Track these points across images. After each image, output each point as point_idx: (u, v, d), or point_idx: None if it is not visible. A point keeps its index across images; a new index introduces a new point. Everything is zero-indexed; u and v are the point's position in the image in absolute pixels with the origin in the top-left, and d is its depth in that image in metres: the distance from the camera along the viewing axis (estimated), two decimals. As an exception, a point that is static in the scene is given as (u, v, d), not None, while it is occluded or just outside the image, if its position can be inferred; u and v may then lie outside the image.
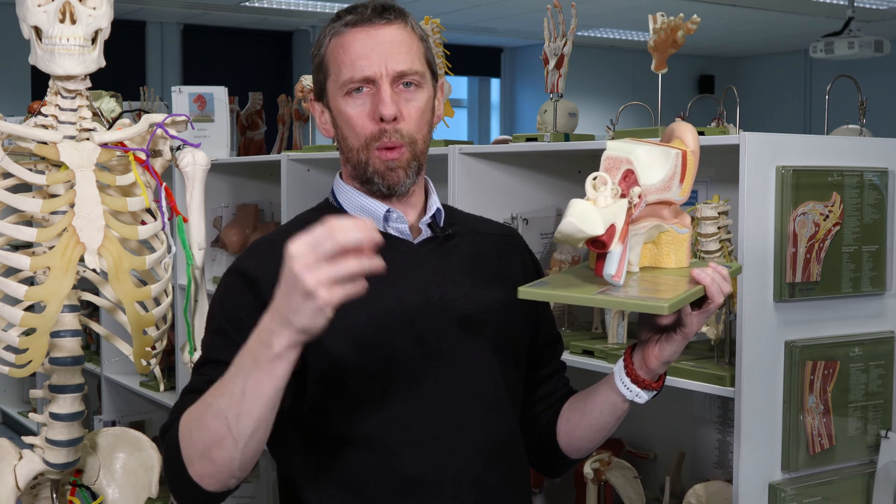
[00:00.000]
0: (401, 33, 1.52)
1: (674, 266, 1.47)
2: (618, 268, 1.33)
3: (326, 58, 1.55)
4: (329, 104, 1.56)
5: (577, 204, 1.30)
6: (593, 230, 1.29)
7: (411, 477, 1.47)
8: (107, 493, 2.05)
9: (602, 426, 1.61)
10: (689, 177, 1.46)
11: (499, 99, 12.22)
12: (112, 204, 1.86)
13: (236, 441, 1.27)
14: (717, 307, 1.42)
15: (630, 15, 9.48)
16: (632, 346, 1.54)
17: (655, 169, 1.41)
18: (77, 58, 1.83)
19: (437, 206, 1.60)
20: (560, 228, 1.30)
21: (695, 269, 1.40)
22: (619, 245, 1.32)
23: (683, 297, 1.35)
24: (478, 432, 1.51)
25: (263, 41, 10.51)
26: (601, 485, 2.52)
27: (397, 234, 1.56)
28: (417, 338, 1.49)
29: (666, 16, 2.26)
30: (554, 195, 2.75)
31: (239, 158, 3.74)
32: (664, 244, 1.48)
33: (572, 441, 1.65)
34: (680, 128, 1.51)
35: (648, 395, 1.53)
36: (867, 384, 2.05)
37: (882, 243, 2.08)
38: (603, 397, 1.57)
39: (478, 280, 1.58)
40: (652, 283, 1.40)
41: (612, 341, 2.40)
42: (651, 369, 1.50)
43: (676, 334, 1.46)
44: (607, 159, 1.37)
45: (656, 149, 1.42)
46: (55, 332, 1.87)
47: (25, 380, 4.98)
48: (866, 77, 3.57)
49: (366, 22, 1.51)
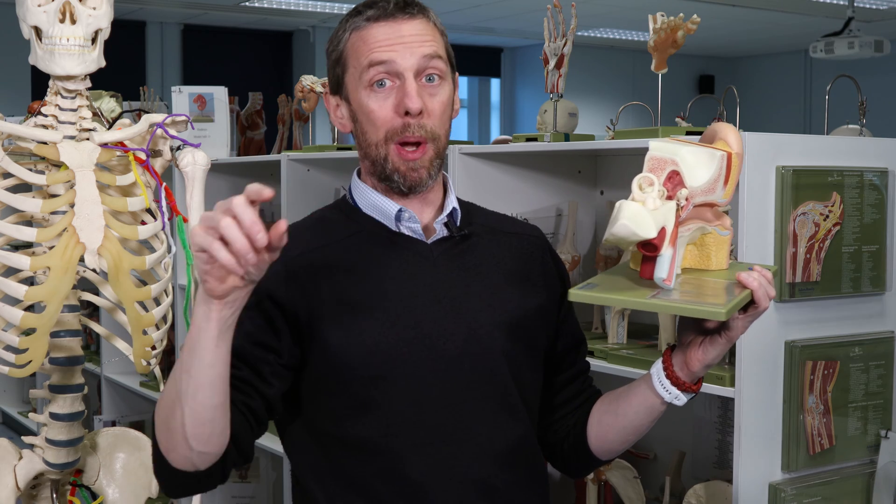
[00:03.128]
0: (424, 26, 1.50)
1: (714, 267, 1.46)
2: (669, 271, 1.31)
3: (346, 51, 1.51)
4: (348, 98, 1.53)
5: (629, 206, 1.27)
6: (647, 233, 1.27)
7: (417, 481, 1.46)
8: (107, 493, 2.05)
9: (637, 428, 1.58)
10: (732, 178, 1.44)
11: (499, 99, 12.22)
12: (112, 204, 1.86)
13: (183, 401, 1.27)
14: (764, 311, 1.41)
15: (630, 15, 9.48)
16: (671, 347, 1.51)
17: (700, 170, 1.39)
18: (77, 58, 1.83)
19: (454, 206, 1.57)
20: (613, 231, 1.27)
21: (742, 274, 1.39)
22: (670, 248, 1.30)
23: (737, 302, 1.35)
24: (486, 437, 1.50)
25: (263, 41, 10.51)
26: (601, 485, 2.52)
27: (410, 234, 1.53)
28: (425, 340, 1.47)
29: (666, 16, 2.26)
30: (554, 195, 2.75)
31: (239, 158, 3.74)
32: (706, 246, 1.46)
33: (604, 443, 1.62)
34: (723, 129, 1.50)
35: (687, 398, 1.50)
36: (867, 384, 2.05)
37: (882, 243, 2.08)
38: (639, 399, 1.54)
39: (493, 281, 1.55)
40: (697, 287, 1.39)
41: (612, 341, 2.40)
42: (692, 372, 1.47)
43: (721, 337, 1.44)
44: (651, 159, 1.35)
45: (701, 150, 1.40)
46: (55, 332, 1.88)
47: (25, 380, 4.97)
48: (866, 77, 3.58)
49: (389, 16, 1.49)
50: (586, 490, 2.53)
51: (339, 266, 1.49)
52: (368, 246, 1.51)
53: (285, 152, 3.37)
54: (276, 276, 1.41)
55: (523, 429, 1.55)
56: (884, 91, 9.06)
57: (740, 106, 2.33)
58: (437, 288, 1.51)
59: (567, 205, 2.71)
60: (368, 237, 1.52)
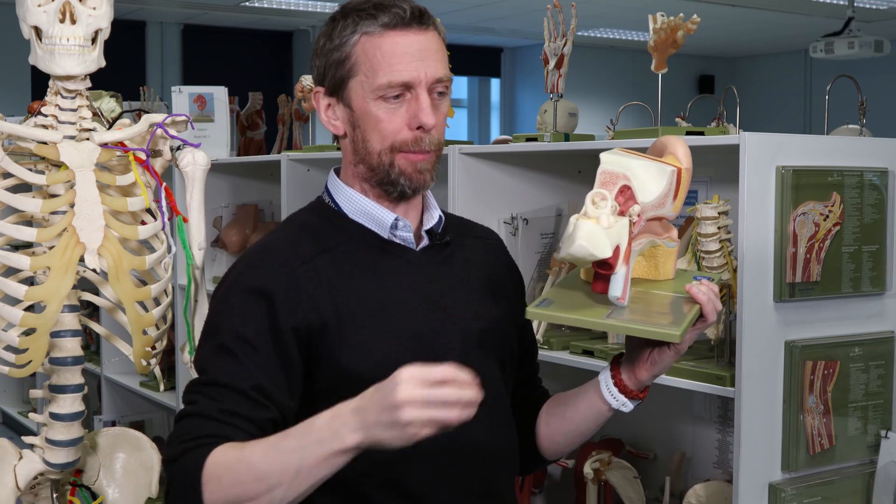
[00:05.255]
0: (436, 40, 1.50)
1: (662, 277, 1.50)
2: (623, 290, 1.35)
3: (356, 56, 1.48)
4: (350, 103, 1.50)
5: (584, 225, 1.29)
6: (603, 252, 1.29)
7: (418, 490, 1.47)
8: (107, 493, 2.05)
9: (584, 431, 1.62)
10: (682, 193, 1.49)
11: (499, 99, 12.21)
12: (112, 204, 1.86)
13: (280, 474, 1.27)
14: (710, 325, 1.45)
15: (630, 15, 9.48)
16: (617, 355, 1.55)
17: (651, 185, 1.41)
18: (77, 58, 1.83)
19: (440, 214, 1.58)
20: (570, 251, 1.29)
21: (693, 287, 1.43)
22: (624, 266, 1.33)
23: (689, 321, 1.39)
24: (485, 443, 1.51)
25: (263, 41, 10.50)
26: (601, 485, 2.52)
27: (401, 242, 1.53)
28: (423, 349, 1.47)
29: (666, 16, 2.26)
30: (554, 195, 2.75)
31: (239, 158, 3.74)
32: (653, 257, 1.50)
33: (552, 444, 1.66)
34: (672, 143, 1.51)
35: (634, 405, 1.55)
36: (867, 384, 2.05)
37: (882, 243, 2.08)
38: (587, 405, 1.58)
39: (476, 289, 1.57)
40: (647, 303, 1.42)
41: (612, 341, 2.40)
42: (640, 381, 1.52)
43: (670, 350, 1.48)
44: (603, 173, 1.37)
45: (651, 164, 1.42)
46: (55, 332, 1.87)
47: (25, 380, 4.97)
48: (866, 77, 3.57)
49: (406, 27, 1.47)
50: (586, 490, 2.53)
51: (337, 276, 1.48)
52: (361, 255, 1.51)
53: (285, 152, 3.37)
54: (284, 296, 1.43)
55: (513, 432, 1.59)
56: (884, 91, 9.05)
57: (740, 106, 2.33)
58: (431, 296, 1.52)
59: (567, 205, 2.71)
60: (359, 245, 1.52)
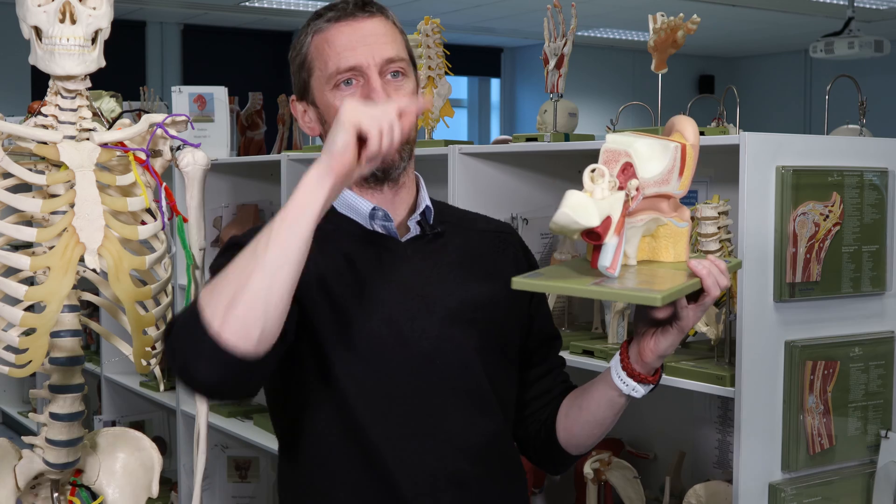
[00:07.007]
0: (383, 25, 1.56)
1: (672, 260, 1.47)
2: (612, 259, 1.32)
3: (310, 55, 1.56)
4: (315, 101, 1.57)
5: (573, 195, 1.30)
6: (588, 221, 1.28)
7: (388, 472, 1.49)
8: (107, 493, 2.04)
9: (600, 422, 1.61)
10: (688, 170, 1.46)
11: (499, 99, 12.22)
12: (112, 204, 1.86)
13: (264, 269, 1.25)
14: (714, 300, 1.42)
15: (630, 15, 9.48)
16: (628, 340, 1.54)
17: (654, 162, 1.41)
18: (77, 58, 1.83)
19: (427, 204, 1.61)
20: (554, 219, 1.29)
21: (692, 261, 1.41)
22: (615, 237, 1.31)
23: (678, 290, 1.34)
24: (458, 431, 1.52)
25: (263, 41, 10.50)
26: (601, 485, 2.52)
27: (383, 232, 1.57)
28: (398, 336, 1.50)
29: (666, 16, 2.27)
30: (554, 195, 2.73)
31: (239, 158, 3.74)
32: (662, 237, 1.47)
33: (571, 437, 1.65)
34: (680, 121, 1.51)
35: (645, 390, 1.53)
36: (867, 384, 2.05)
37: (882, 243, 2.08)
38: (600, 392, 1.58)
39: (465, 278, 1.58)
40: (648, 276, 1.39)
41: (613, 341, 2.40)
42: (647, 363, 1.50)
43: (672, 328, 1.46)
44: (606, 152, 1.38)
45: (655, 142, 1.42)
46: (55, 332, 1.87)
47: (25, 380, 4.98)
48: (866, 77, 3.57)
49: (349, 16, 1.54)
50: (586, 490, 2.53)
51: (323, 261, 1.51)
52: (344, 244, 1.55)
53: (285, 152, 3.37)
54: None
55: (496, 425, 1.58)
56: (884, 91, 9.06)
57: (740, 106, 2.33)
58: (410, 284, 1.54)
59: (565, 200, 2.71)
60: (345, 235, 1.56)
